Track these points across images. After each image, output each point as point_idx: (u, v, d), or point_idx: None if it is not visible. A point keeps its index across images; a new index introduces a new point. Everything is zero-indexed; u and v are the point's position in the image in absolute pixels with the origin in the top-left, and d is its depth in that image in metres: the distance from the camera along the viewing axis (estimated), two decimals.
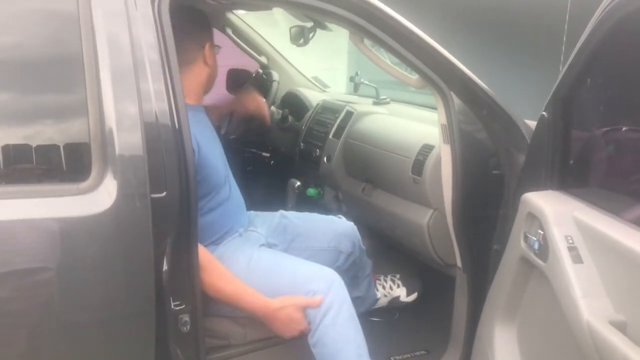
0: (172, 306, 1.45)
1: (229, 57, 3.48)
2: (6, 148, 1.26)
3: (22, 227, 1.23)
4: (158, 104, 1.36)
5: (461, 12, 4.25)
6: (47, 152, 1.29)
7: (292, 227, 2.00)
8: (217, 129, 2.99)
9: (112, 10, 1.32)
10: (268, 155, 3.04)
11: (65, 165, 1.31)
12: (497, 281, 1.73)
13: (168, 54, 1.40)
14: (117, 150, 1.29)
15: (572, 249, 1.36)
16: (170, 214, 1.40)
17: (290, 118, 2.86)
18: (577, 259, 1.34)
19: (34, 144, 1.27)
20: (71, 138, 1.32)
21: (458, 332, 2.00)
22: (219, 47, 1.88)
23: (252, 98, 2.37)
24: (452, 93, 1.83)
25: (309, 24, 2.38)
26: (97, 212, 1.27)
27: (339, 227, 2.04)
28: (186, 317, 1.51)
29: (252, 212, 2.04)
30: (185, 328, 1.51)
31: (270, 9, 2.30)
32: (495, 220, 1.91)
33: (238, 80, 3.15)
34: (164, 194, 1.37)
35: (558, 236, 1.39)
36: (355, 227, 2.07)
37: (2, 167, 1.25)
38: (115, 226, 1.30)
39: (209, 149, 1.74)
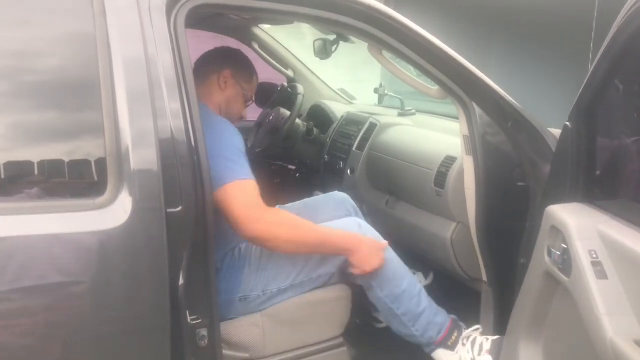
0: (189, 320, 1.46)
1: (258, 71, 3.55)
2: (25, 164, 1.29)
3: (39, 242, 1.25)
4: (174, 121, 1.38)
5: (485, 11, 4.19)
6: (63, 168, 1.32)
7: (294, 209, 2.04)
8: (245, 142, 3.03)
9: (128, 31, 1.34)
10: (294, 167, 3.05)
11: (81, 181, 1.33)
12: (522, 296, 1.68)
13: (184, 72, 1.42)
14: (133, 166, 1.31)
15: (596, 264, 1.31)
16: (186, 229, 1.41)
17: (315, 130, 2.86)
18: (601, 274, 1.29)
19: (51, 160, 1.30)
20: (88, 154, 1.34)
21: None
22: (251, 100, 2.01)
23: None
24: (473, 103, 1.80)
25: (332, 37, 2.38)
26: (113, 227, 1.29)
27: (335, 197, 2.14)
28: (204, 332, 1.51)
29: None
30: (203, 342, 1.52)
31: (292, 22, 2.31)
32: (521, 233, 1.86)
33: (266, 94, 3.18)
34: (179, 208, 1.38)
35: (581, 250, 1.34)
36: (348, 196, 2.14)
37: (20, 183, 1.28)
38: (131, 241, 1.31)
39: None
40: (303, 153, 2.94)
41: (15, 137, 1.31)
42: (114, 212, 1.30)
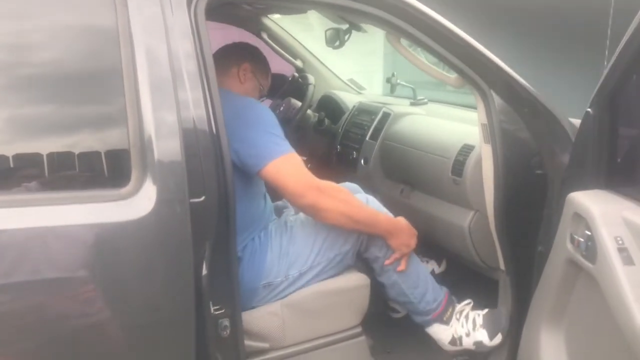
0: (212, 311, 1.46)
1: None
2: (49, 156, 1.28)
3: (64, 233, 1.25)
4: (196, 111, 1.37)
5: (502, 7, 4.16)
6: (88, 159, 1.31)
7: None
8: None
9: (150, 22, 1.33)
10: (305, 159, 3.04)
11: (105, 171, 1.33)
12: (543, 284, 1.68)
13: (205, 63, 1.42)
14: (156, 156, 1.30)
15: (622, 250, 1.31)
16: (209, 219, 1.40)
17: (326, 121, 2.85)
18: (628, 260, 1.29)
19: (75, 151, 1.29)
20: (111, 145, 1.33)
21: None
22: (264, 96, 2.05)
23: None
24: (492, 91, 1.79)
25: (344, 26, 2.37)
26: (137, 217, 1.29)
27: (347, 187, 2.11)
28: (226, 322, 1.51)
29: None
30: (225, 332, 1.52)
31: (305, 11, 2.30)
32: (539, 221, 1.86)
33: (276, 85, 3.17)
34: (202, 198, 1.38)
35: (607, 237, 1.34)
36: (358, 186, 2.16)
37: (46, 174, 1.28)
38: (155, 231, 1.31)
39: None
40: (314, 144, 2.94)
41: (38, 129, 1.30)
42: (138, 203, 1.29)
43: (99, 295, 1.30)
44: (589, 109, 1.56)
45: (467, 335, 1.93)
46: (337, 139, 2.77)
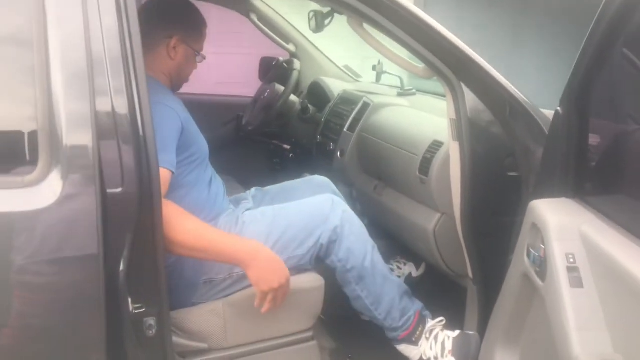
0: (132, 309, 1.37)
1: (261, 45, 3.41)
2: None
3: None
4: (115, 97, 1.27)
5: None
6: None
7: (272, 193, 2.00)
8: (240, 118, 2.91)
9: None
10: (288, 147, 2.92)
11: (10, 157, 1.24)
12: (502, 297, 1.53)
13: (132, 43, 1.30)
14: (65, 143, 1.21)
15: (572, 269, 1.16)
16: (129, 210, 1.31)
17: (311, 109, 2.72)
18: (576, 282, 1.14)
19: None
20: (17, 128, 1.24)
21: None
22: (203, 56, 1.82)
23: None
24: (461, 84, 1.64)
25: (327, 9, 2.23)
26: (41, 207, 1.19)
27: (314, 181, 2.05)
28: (151, 321, 1.42)
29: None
30: (150, 332, 1.42)
31: None
32: (511, 227, 1.70)
33: (267, 68, 3.06)
34: (119, 189, 1.28)
35: (558, 253, 1.19)
36: (329, 181, 2.04)
37: None
38: (60, 223, 1.21)
39: (192, 125, 1.71)
40: (298, 132, 2.81)
41: None
42: (43, 192, 1.20)
43: None
44: (558, 108, 1.40)
45: (436, 359, 1.80)
46: (319, 129, 2.64)
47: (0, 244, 1.19)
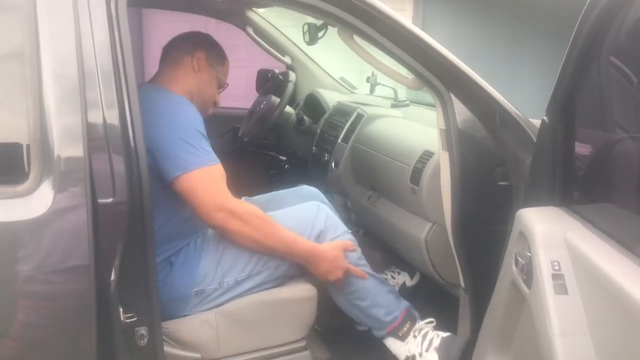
0: (123, 319, 1.38)
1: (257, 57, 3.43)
2: None
3: None
4: (107, 109, 1.29)
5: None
6: None
7: (261, 202, 1.99)
8: (236, 130, 2.94)
9: (58, 4, 1.25)
10: (285, 158, 2.94)
11: (0, 167, 1.25)
12: (492, 306, 1.54)
13: (124, 57, 1.33)
14: (56, 154, 1.23)
15: (557, 276, 1.17)
16: (119, 221, 1.32)
17: (306, 120, 2.74)
18: (561, 289, 1.15)
19: None
20: (9, 139, 1.26)
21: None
22: (226, 84, 1.92)
23: None
24: (450, 94, 1.66)
25: (319, 22, 2.25)
26: (32, 217, 1.21)
27: (302, 191, 2.09)
28: (143, 330, 1.43)
29: None
30: (142, 341, 1.44)
31: (265, 7, 2.20)
32: (502, 237, 1.71)
33: (264, 80, 3.08)
34: (110, 199, 1.30)
35: (543, 260, 1.20)
36: (318, 190, 2.08)
37: None
38: (50, 233, 1.23)
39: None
40: (294, 143, 2.83)
41: None
42: (34, 202, 1.22)
43: None
44: (544, 117, 1.42)
45: (420, 355, 1.80)
46: (314, 140, 2.66)
47: None
